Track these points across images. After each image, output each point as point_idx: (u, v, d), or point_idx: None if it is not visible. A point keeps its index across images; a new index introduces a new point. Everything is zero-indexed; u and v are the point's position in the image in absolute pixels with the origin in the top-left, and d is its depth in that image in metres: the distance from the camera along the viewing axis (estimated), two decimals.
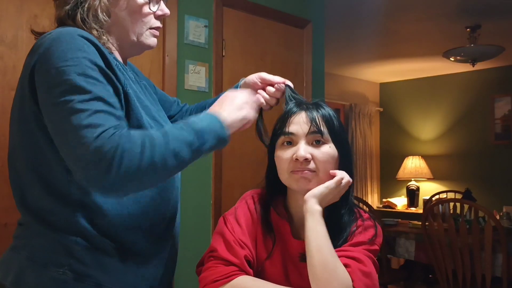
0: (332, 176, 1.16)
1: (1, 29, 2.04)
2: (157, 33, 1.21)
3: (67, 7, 1.10)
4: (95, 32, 1.09)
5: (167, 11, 1.21)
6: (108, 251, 1.07)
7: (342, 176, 1.16)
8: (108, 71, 1.02)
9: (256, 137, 1.30)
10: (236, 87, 1.37)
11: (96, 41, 1.05)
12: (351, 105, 6.45)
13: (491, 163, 5.80)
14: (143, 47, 1.20)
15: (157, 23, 1.20)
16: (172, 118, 1.47)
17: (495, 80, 5.82)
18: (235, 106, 1.15)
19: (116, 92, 1.02)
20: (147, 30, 1.18)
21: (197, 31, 2.70)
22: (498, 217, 3.62)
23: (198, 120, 1.06)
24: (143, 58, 2.48)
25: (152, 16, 1.18)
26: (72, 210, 1.05)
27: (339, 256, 1.11)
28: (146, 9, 1.16)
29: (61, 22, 1.11)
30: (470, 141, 6.02)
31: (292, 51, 3.23)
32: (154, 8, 1.17)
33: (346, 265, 1.10)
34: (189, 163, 1.03)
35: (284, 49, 3.19)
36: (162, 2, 1.20)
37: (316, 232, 1.10)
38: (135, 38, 1.16)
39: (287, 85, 1.29)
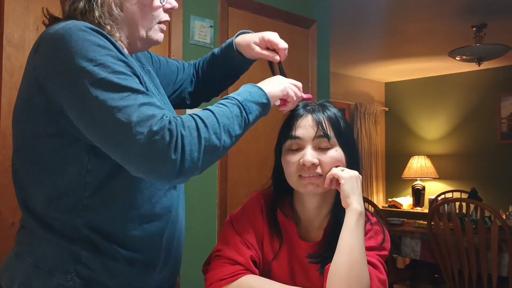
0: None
1: (8, 30, 2.05)
2: (164, 28, 1.20)
3: (81, 4, 1.06)
4: (108, 28, 1.06)
5: (175, 4, 1.20)
6: (114, 256, 1.05)
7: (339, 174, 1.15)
8: (129, 63, 1.01)
9: (260, 137, 1.31)
10: (231, 42, 1.38)
11: (106, 34, 1.02)
12: (357, 104, 6.44)
13: (497, 162, 5.78)
14: (150, 42, 1.18)
15: (166, 17, 1.19)
16: (181, 86, 1.46)
17: (501, 79, 5.79)
18: (272, 82, 1.17)
19: (141, 82, 1.02)
20: (156, 24, 1.17)
21: (202, 31, 2.71)
22: (504, 216, 3.61)
23: (238, 94, 1.08)
24: None
25: (161, 9, 1.17)
26: (77, 217, 1.03)
27: None
28: (156, 2, 1.14)
29: (70, 18, 1.06)
30: (476, 140, 6.00)
31: (297, 51, 3.23)
32: (163, 1, 1.16)
33: None
34: (240, 136, 1.05)
35: (290, 49, 3.18)
36: None
37: (352, 232, 1.09)
38: (144, 33, 1.15)
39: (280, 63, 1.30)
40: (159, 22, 1.17)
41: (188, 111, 2.42)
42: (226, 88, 1.53)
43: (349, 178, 1.13)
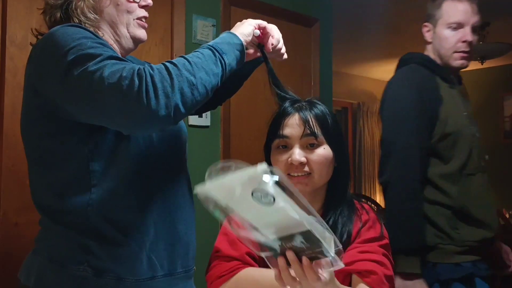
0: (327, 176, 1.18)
1: (11, 30, 2.05)
2: (145, 24, 1.24)
3: (58, 14, 1.14)
4: (92, 29, 1.12)
5: (149, 1, 1.24)
6: (121, 243, 1.09)
7: None
8: (107, 44, 1.06)
9: (263, 136, 1.30)
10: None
11: (84, 27, 1.09)
12: (359, 103, 6.44)
13: (500, 161, 5.75)
14: (134, 39, 1.22)
15: (143, 13, 1.23)
16: None
17: (504, 78, 5.78)
18: (241, 24, 1.22)
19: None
20: (133, 20, 1.20)
21: (205, 30, 2.71)
22: (507, 215, 3.60)
23: (210, 42, 1.11)
24: (152, 57, 2.49)
25: (136, 5, 1.21)
26: (86, 207, 1.07)
27: (361, 260, 1.10)
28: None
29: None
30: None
31: (299, 50, 3.22)
32: None
33: (371, 272, 1.09)
34: (222, 75, 1.07)
35: (292, 48, 3.18)
36: None
37: None
38: (125, 30, 1.19)
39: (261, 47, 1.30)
40: (137, 18, 1.21)
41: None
42: (232, 95, 1.54)
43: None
